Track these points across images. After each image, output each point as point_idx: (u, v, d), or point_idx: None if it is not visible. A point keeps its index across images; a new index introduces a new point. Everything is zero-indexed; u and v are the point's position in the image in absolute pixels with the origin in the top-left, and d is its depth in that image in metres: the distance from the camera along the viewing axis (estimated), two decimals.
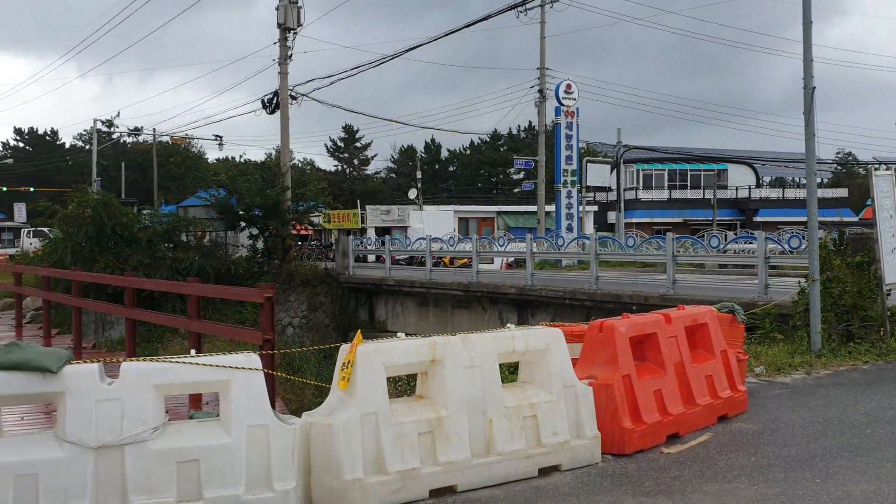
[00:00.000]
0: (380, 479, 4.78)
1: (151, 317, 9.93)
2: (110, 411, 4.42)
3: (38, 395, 4.49)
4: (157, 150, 60.62)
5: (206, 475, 4.46)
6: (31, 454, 4.32)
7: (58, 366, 4.40)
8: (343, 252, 25.72)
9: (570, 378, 5.79)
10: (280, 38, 26.48)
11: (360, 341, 5.05)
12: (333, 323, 24.53)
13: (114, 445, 4.38)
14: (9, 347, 4.47)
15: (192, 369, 4.64)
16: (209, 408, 6.59)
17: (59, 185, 58.80)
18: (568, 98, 31.65)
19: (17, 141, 78.13)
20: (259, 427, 4.62)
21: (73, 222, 21.30)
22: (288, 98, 27.09)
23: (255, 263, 24.96)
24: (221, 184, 25.46)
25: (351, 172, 75.12)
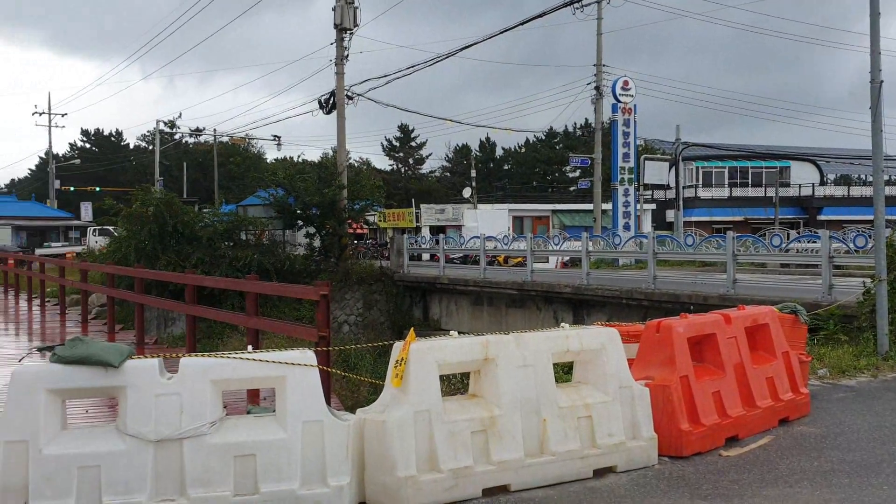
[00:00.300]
0: (433, 477, 4.78)
1: (211, 313, 10.14)
2: (169, 405, 4.52)
3: (101, 388, 4.62)
4: (217, 151, 61.94)
5: (263, 469, 4.53)
6: (93, 446, 4.45)
7: (119, 360, 4.52)
8: (398, 251, 25.85)
9: (626, 378, 5.71)
10: (336, 39, 26.73)
11: (412, 339, 5.06)
12: (388, 321, 24.66)
13: (173, 439, 4.47)
14: (73, 342, 4.60)
15: (249, 365, 4.71)
16: (266, 403, 6.69)
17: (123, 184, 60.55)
18: (625, 95, 31.24)
19: (83, 142, 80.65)
20: (314, 423, 4.67)
21: (137, 221, 21.83)
22: (344, 98, 27.33)
23: (311, 262, 25.26)
24: (280, 183, 25.84)
25: (406, 171, 75.50)
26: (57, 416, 4.50)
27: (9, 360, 10.88)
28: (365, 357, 17.07)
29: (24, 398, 4.41)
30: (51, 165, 62.95)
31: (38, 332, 14.81)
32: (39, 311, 17.87)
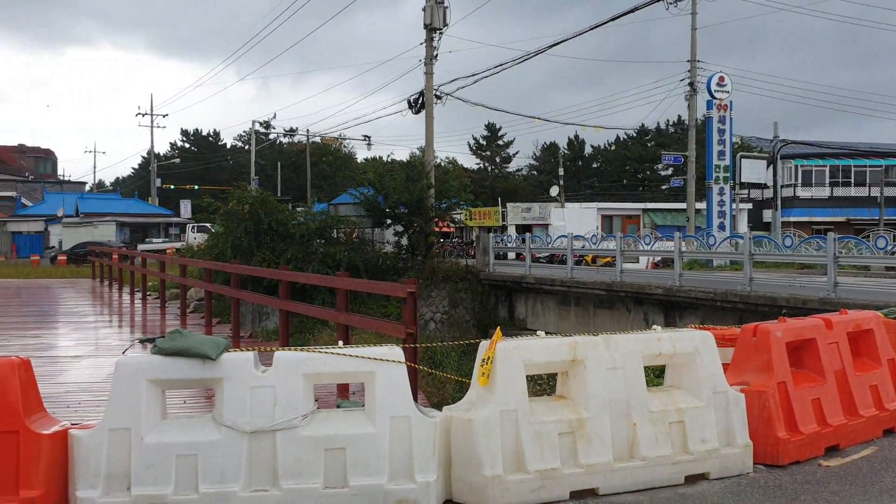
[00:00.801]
0: (519, 478, 4.75)
1: (303, 308, 10.38)
2: (264, 398, 4.65)
3: (199, 380, 4.79)
4: (310, 150, 63.44)
5: (352, 463, 4.60)
6: (191, 436, 4.61)
7: (217, 353, 4.67)
8: (483, 249, 25.84)
9: (720, 383, 5.54)
10: (426, 39, 26.91)
11: (499, 338, 5.05)
12: (473, 319, 24.68)
13: (266, 430, 4.59)
14: (173, 335, 4.79)
15: (340, 360, 4.79)
16: (355, 398, 6.80)
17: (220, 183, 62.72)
18: (720, 91, 30.33)
19: (183, 142, 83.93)
20: (401, 419, 4.71)
21: (233, 218, 22.47)
22: (433, 98, 27.51)
23: (399, 259, 25.53)
24: (369, 182, 26.22)
25: (493, 170, 75.47)
26: (157, 405, 4.69)
27: (113, 351, 11.43)
28: (450, 355, 17.15)
29: (127, 388, 4.62)
30: (152, 164, 65.79)
31: (140, 325, 15.50)
32: (141, 304, 18.70)
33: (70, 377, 9.15)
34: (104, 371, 9.52)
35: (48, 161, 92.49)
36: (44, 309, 18.38)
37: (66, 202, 60.58)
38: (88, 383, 8.76)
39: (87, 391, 8.28)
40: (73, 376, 9.22)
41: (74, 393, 8.16)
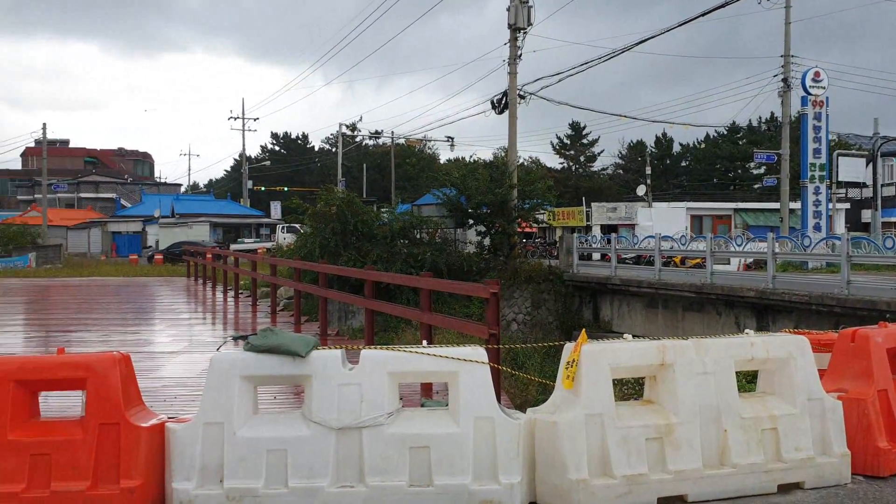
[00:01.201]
0: (605, 482, 4.69)
1: (388, 308, 10.50)
2: (350, 395, 4.73)
3: (289, 376, 4.92)
4: (394, 152, 64.23)
5: (436, 462, 4.63)
6: (281, 431, 4.74)
7: (306, 350, 4.78)
8: (567, 249, 25.56)
9: (816, 390, 5.33)
10: (510, 39, 26.85)
11: (584, 340, 4.99)
12: (557, 321, 24.45)
13: (353, 427, 4.67)
14: (265, 333, 4.93)
15: (424, 359, 4.84)
16: (438, 397, 6.84)
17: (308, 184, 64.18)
18: (816, 86, 29.15)
19: (273, 144, 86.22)
20: (485, 419, 4.72)
21: (321, 219, 22.95)
22: (516, 97, 27.41)
23: (481, 259, 25.53)
24: (453, 183, 26.31)
25: (577, 169, 74.67)
26: (249, 401, 4.84)
27: (207, 348, 11.84)
28: (533, 356, 17.04)
29: (221, 383, 4.78)
30: (244, 167, 67.82)
31: (232, 322, 16.00)
32: (234, 302, 19.31)
33: (166, 372, 9.53)
34: (199, 367, 9.87)
35: (146, 164, 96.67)
36: (142, 306, 19.20)
37: (163, 203, 63.10)
38: (184, 378, 9.10)
39: (183, 386, 8.61)
40: (170, 371, 9.60)
41: (171, 388, 8.49)
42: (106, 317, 16.48)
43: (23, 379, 4.71)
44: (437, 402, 5.51)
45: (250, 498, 4.58)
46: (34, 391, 4.85)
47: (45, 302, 20.36)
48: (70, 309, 18.44)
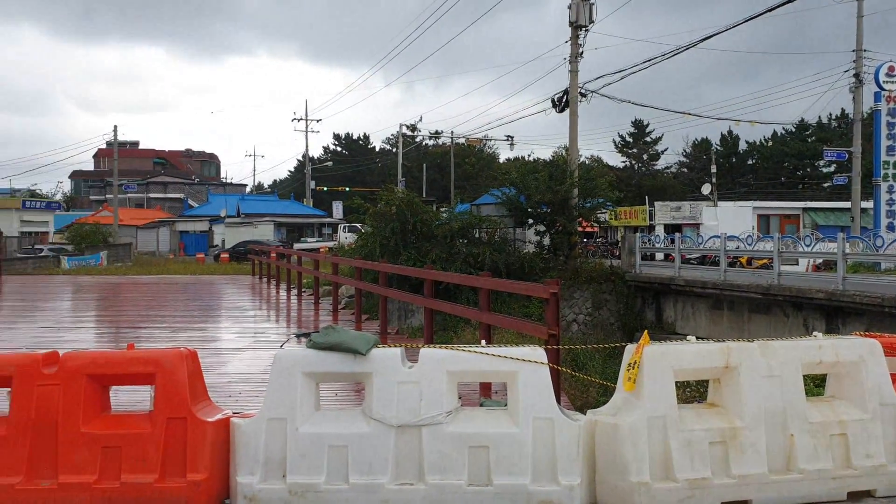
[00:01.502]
0: (667, 486, 4.62)
1: (446, 307, 10.52)
2: (410, 393, 4.77)
3: (350, 374, 4.98)
4: (453, 152, 64.40)
5: (495, 462, 4.63)
6: (342, 428, 4.80)
7: (366, 348, 4.84)
8: (629, 249, 25.22)
9: (888, 395, 5.15)
10: (571, 37, 26.64)
11: (646, 342, 4.92)
12: (618, 322, 24.13)
13: (412, 425, 4.71)
14: (326, 330, 5.00)
15: (483, 359, 4.84)
16: (497, 397, 6.84)
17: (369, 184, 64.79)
18: (890, 82, 28.12)
19: (335, 145, 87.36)
20: (544, 420, 4.70)
21: (381, 219, 23.14)
22: (577, 96, 27.17)
23: (541, 259, 25.36)
24: (512, 182, 26.21)
25: (639, 168, 73.65)
26: (311, 397, 4.92)
27: (271, 345, 12.07)
28: (594, 357, 16.86)
29: (284, 380, 4.87)
30: (307, 168, 68.87)
31: (296, 320, 16.28)
32: (296, 300, 19.62)
33: (232, 368, 9.75)
34: (263, 363, 10.06)
35: (212, 164, 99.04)
36: (208, 304, 19.68)
37: (229, 203, 64.56)
38: (248, 374, 9.30)
39: (248, 382, 8.80)
40: (235, 367, 9.82)
41: (235, 383, 8.68)
42: (174, 314, 16.94)
43: (94, 373, 4.88)
44: (496, 401, 5.50)
45: (312, 493, 4.65)
46: (105, 385, 5.02)
47: (116, 299, 21.04)
48: (139, 306, 19.01)
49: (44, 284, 25.89)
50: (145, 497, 4.67)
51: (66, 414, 4.76)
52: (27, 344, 11.94)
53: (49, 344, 11.94)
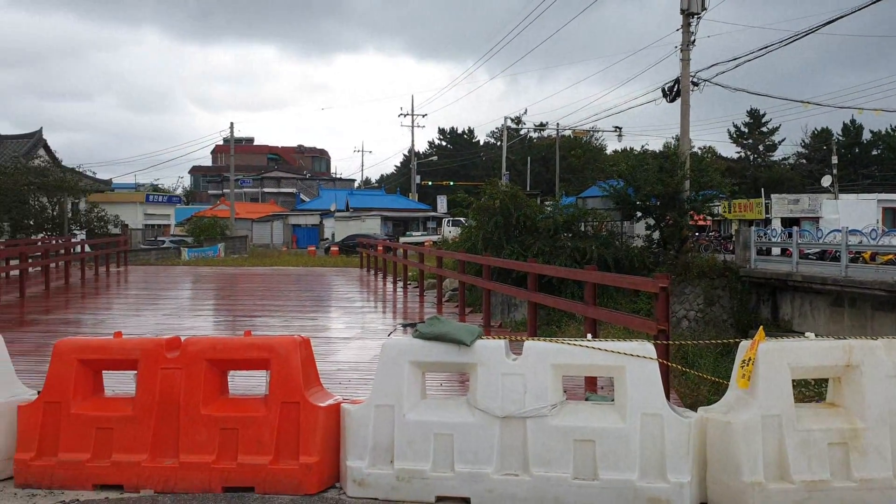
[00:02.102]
0: (782, 487, 4.45)
1: (551, 301, 10.46)
2: (514, 385, 4.77)
3: (454, 364, 5.02)
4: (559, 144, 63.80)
5: (602, 456, 4.58)
6: (447, 416, 4.86)
7: (471, 340, 4.88)
8: (744, 244, 24.33)
9: None
10: (683, 25, 25.91)
11: (762, 338, 4.75)
12: (731, 319, 23.33)
13: (517, 417, 4.72)
14: (432, 321, 5.07)
15: (589, 352, 4.79)
16: (602, 392, 6.75)
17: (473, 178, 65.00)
18: None
19: (440, 140, 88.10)
20: (653, 416, 4.61)
21: (485, 212, 23.18)
22: (689, 85, 26.43)
23: (650, 254, 24.80)
24: (620, 174, 25.73)
25: (755, 159, 70.85)
26: (417, 385, 5.00)
27: (378, 335, 12.32)
28: (705, 355, 16.37)
29: (392, 368, 4.97)
30: (412, 162, 69.78)
31: (401, 311, 16.57)
32: (402, 292, 19.96)
33: (341, 356, 10.02)
34: (370, 352, 10.30)
35: (322, 160, 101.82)
36: (319, 294, 20.27)
37: (338, 198, 66.19)
38: (357, 362, 9.53)
39: (356, 370, 9.02)
40: (344, 356, 10.09)
41: (344, 371, 8.92)
42: (287, 303, 17.55)
43: (214, 358, 5.12)
44: (601, 396, 5.45)
45: (419, 480, 4.74)
46: (224, 370, 5.27)
47: (233, 289, 21.97)
48: (255, 296, 19.78)
49: (165, 274, 27.31)
50: (260, 478, 4.88)
51: (187, 396, 5.02)
52: (151, 330, 12.64)
53: (170, 330, 12.61)
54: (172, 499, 4.86)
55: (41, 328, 13.00)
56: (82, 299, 18.51)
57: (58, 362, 5.21)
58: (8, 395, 5.36)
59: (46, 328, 12.99)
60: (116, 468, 4.99)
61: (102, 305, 17.35)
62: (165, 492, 4.94)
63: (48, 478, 5.04)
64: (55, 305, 16.95)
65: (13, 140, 42.64)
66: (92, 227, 38.19)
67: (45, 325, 13.37)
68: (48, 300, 17.93)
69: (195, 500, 4.83)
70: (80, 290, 20.36)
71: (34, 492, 5.03)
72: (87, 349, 5.26)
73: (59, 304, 17.30)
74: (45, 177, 35.63)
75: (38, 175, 35.37)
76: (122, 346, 5.24)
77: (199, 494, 4.89)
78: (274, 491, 4.86)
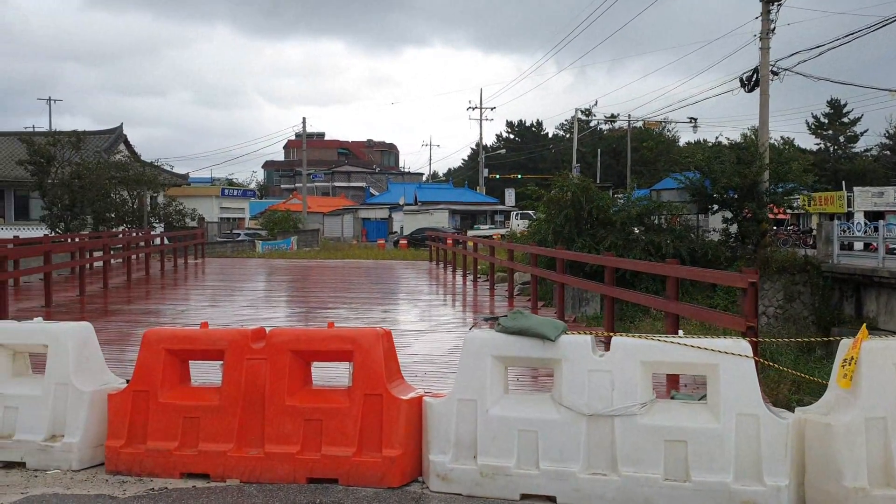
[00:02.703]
0: (889, 493, 4.21)
1: (629, 295, 10.20)
2: (601, 382, 4.65)
3: (538, 359, 4.92)
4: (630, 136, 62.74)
5: (694, 457, 4.42)
6: (531, 412, 4.77)
7: (556, 334, 4.77)
8: (826, 238, 23.48)
9: None
10: (762, 12, 25.12)
11: (865, 336, 4.50)
12: (812, 315, 22.55)
13: (604, 415, 4.59)
14: (515, 315, 4.98)
15: (681, 350, 4.63)
16: (686, 391, 6.54)
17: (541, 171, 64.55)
18: None
19: (508, 133, 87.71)
20: (748, 416, 4.43)
21: (555, 205, 22.91)
22: (768, 74, 25.60)
23: (727, 248, 24.16)
24: (696, 166, 25.12)
25: (835, 151, 68.34)
26: (500, 380, 4.92)
27: (450, 328, 12.29)
28: (784, 352, 15.85)
29: (474, 362, 4.90)
30: (480, 155, 69.65)
31: (471, 304, 16.51)
32: (472, 285, 19.90)
33: (416, 349, 10.01)
34: (444, 346, 10.27)
35: (391, 154, 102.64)
36: (390, 287, 20.39)
37: (407, 192, 66.60)
38: (432, 356, 9.51)
39: (432, 363, 9.00)
40: (418, 349, 10.08)
41: (420, 364, 8.91)
42: (359, 295, 17.70)
43: (298, 349, 5.14)
44: (687, 395, 5.27)
45: (503, 476, 4.66)
46: (307, 361, 5.29)
47: (306, 281, 22.29)
48: (328, 288, 20.02)
49: (241, 266, 27.89)
50: (343, 470, 4.88)
51: (272, 386, 5.06)
52: (229, 321, 12.89)
53: (248, 321, 12.83)
54: (258, 489, 4.90)
55: (123, 318, 13.41)
56: (162, 290, 19.05)
57: (146, 351, 5.32)
58: (99, 383, 5.50)
59: (129, 318, 13.39)
60: (203, 457, 5.06)
61: (181, 296, 17.81)
62: (251, 482, 4.99)
63: (137, 465, 5.16)
64: (136, 296, 17.48)
65: (95, 136, 44.16)
66: (170, 220, 39.29)
67: (128, 315, 13.79)
68: (130, 291, 18.50)
69: (281, 490, 4.86)
70: (159, 282, 20.96)
71: (124, 478, 5.14)
72: (175, 339, 5.36)
73: (140, 294, 17.83)
74: (126, 171, 36.77)
75: (120, 169, 36.52)
76: (209, 336, 5.31)
77: (284, 485, 4.92)
78: (357, 483, 4.85)
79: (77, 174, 33.58)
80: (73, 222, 33.75)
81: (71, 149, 34.24)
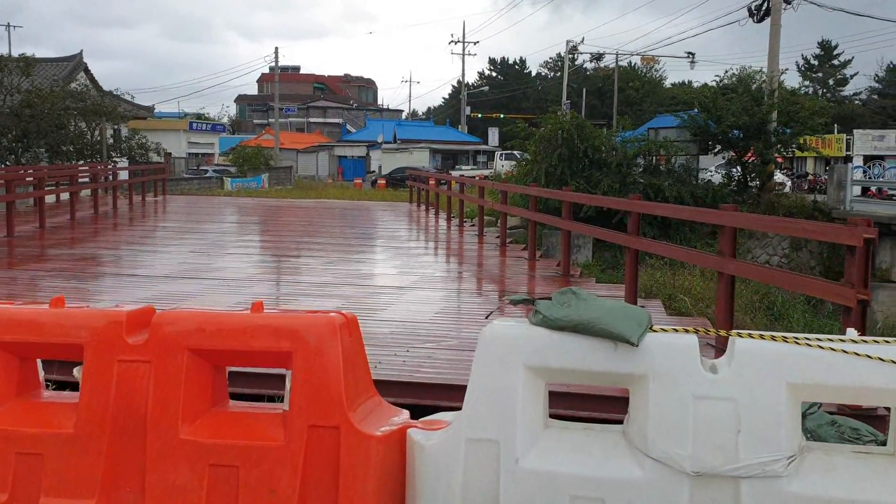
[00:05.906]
0: None
1: (662, 249, 8.09)
2: (717, 417, 2.69)
3: (604, 374, 2.90)
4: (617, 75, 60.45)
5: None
6: (591, 465, 2.80)
7: (638, 334, 2.79)
8: (838, 183, 21.87)
9: None
10: None
11: None
12: (820, 266, 21.04)
13: (723, 475, 2.66)
14: (564, 296, 2.97)
15: (865, 366, 2.66)
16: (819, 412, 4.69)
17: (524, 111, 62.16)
18: None
19: (490, 70, 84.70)
20: None
21: (547, 144, 21.06)
22: (781, 2, 23.51)
23: (729, 192, 22.53)
24: (701, 103, 23.24)
25: (823, 94, 66.54)
26: (538, 407, 2.95)
27: (436, 284, 10.36)
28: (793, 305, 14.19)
29: (496, 375, 2.91)
30: (462, 93, 66.91)
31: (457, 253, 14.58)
32: (457, 231, 17.89)
33: (394, 313, 8.03)
34: (431, 307, 8.41)
35: (369, 90, 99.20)
36: (366, 232, 18.37)
37: (385, 129, 63.87)
38: (415, 322, 7.53)
39: (415, 334, 6.99)
40: (398, 312, 8.09)
41: (399, 335, 6.91)
42: (330, 241, 15.68)
43: (201, 347, 3.13)
44: (857, 428, 3.32)
45: None
46: (217, 365, 3.27)
47: (273, 223, 20.19)
48: (296, 231, 17.97)
49: (203, 205, 25.68)
50: None
51: (158, 407, 3.06)
52: (171, 270, 10.84)
53: (194, 271, 10.81)
54: None
55: (44, 266, 11.34)
56: (104, 232, 16.87)
57: None
58: None
59: (54, 265, 11.32)
60: None
61: (124, 239, 15.65)
62: None
63: None
64: (75, 238, 15.32)
65: (52, 63, 40.96)
66: (133, 154, 36.70)
67: (55, 262, 11.71)
68: (72, 231, 16.35)
69: None
70: (107, 222, 18.73)
71: None
72: (8, 326, 3.32)
73: (78, 236, 15.67)
74: (83, 101, 33.94)
75: (76, 99, 33.67)
76: (59, 321, 3.27)
77: None
78: None
79: (28, 102, 30.88)
80: (24, 154, 31.20)
81: (20, 75, 31.43)
